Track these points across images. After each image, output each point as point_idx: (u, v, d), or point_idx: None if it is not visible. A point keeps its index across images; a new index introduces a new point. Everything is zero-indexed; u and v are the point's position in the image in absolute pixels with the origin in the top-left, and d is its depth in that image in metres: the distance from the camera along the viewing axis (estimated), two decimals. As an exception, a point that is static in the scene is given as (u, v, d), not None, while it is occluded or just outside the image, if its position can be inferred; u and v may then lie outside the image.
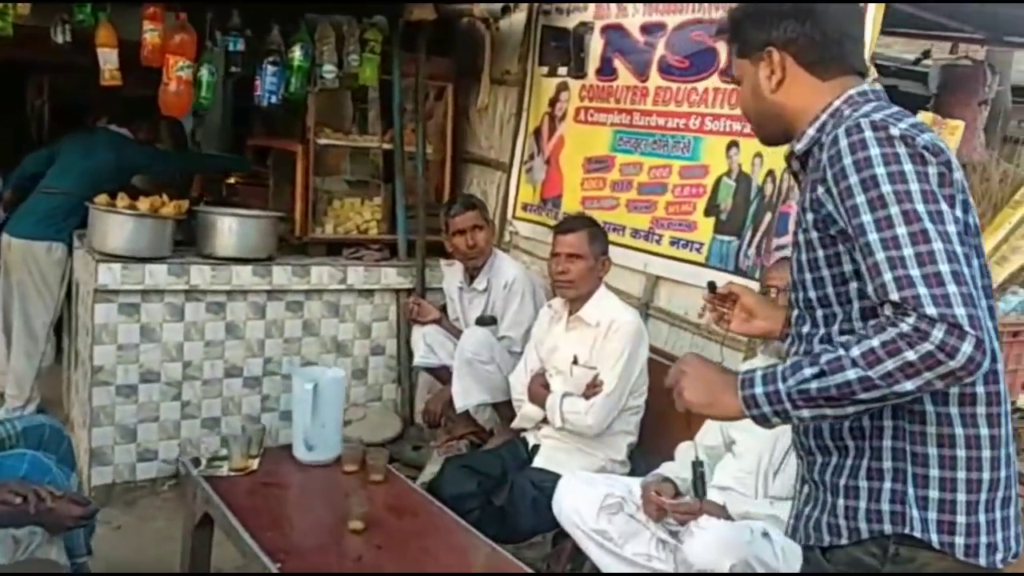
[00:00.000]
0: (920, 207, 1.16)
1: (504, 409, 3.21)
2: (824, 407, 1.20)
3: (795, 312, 1.41)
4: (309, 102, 3.95)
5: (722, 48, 3.12)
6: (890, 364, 1.13)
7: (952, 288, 1.12)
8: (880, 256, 1.16)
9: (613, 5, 3.62)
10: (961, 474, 1.24)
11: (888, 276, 1.15)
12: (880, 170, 1.19)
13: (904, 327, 1.12)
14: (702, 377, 1.34)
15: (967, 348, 1.10)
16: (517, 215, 4.17)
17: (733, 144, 3.12)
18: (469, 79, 4.42)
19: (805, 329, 1.38)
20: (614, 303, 2.85)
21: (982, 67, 5.19)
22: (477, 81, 4.39)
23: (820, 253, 1.31)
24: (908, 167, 1.19)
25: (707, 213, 3.22)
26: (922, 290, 1.12)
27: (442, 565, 2.08)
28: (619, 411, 2.76)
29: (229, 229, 3.75)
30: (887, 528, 1.26)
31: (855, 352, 1.16)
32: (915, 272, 1.13)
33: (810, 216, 1.31)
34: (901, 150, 1.20)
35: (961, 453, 1.24)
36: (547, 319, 3.01)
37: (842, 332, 1.30)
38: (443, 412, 3.34)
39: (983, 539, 1.23)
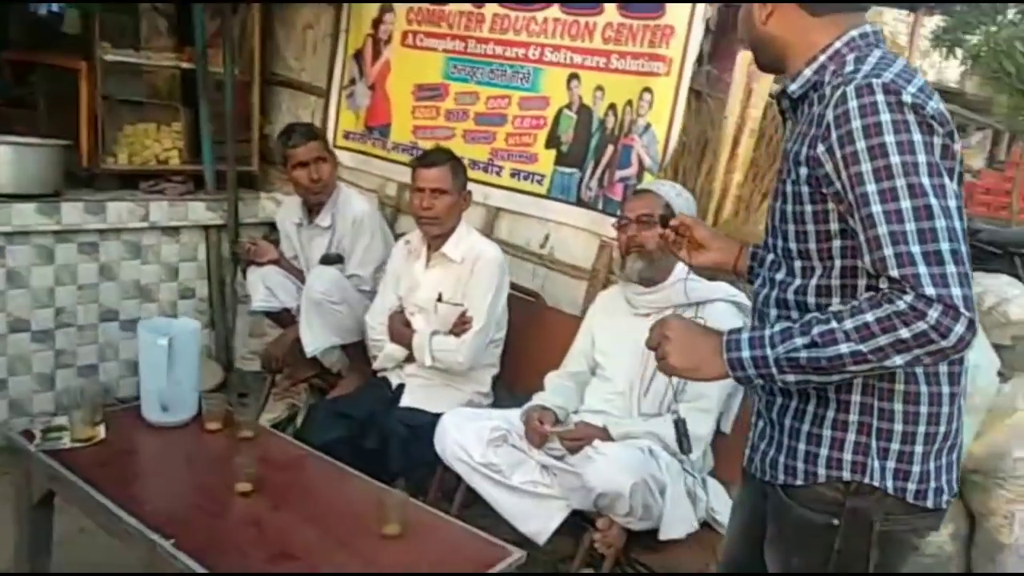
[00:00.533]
0: (925, 180, 1.15)
1: (354, 350, 3.10)
2: (811, 375, 1.22)
3: (770, 257, 1.42)
4: (94, 13, 3.42)
5: (564, -24, 3.13)
6: (883, 340, 1.14)
7: (951, 268, 1.12)
8: (883, 229, 1.16)
9: (442, -77, 3.46)
10: (921, 428, 1.29)
11: (889, 251, 1.15)
12: (889, 138, 1.16)
13: (901, 305, 1.13)
14: (686, 341, 1.33)
15: (959, 328, 1.11)
16: (338, 143, 3.96)
17: (574, 76, 3.16)
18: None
19: (779, 276, 1.39)
20: (477, 238, 2.82)
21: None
22: (286, -2, 4.06)
23: (808, 208, 1.30)
24: (916, 137, 1.17)
25: (548, 145, 3.26)
26: (922, 269, 1.12)
27: (344, 514, 2.00)
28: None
29: (5, 161, 3.20)
30: (846, 475, 1.31)
31: (848, 325, 1.17)
32: (916, 249, 1.13)
33: (804, 171, 1.28)
34: (911, 117, 1.17)
35: (924, 409, 1.29)
36: (403, 256, 2.92)
37: (819, 287, 1.32)
38: (285, 357, 3.15)
39: (931, 484, 1.31)
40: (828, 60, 1.32)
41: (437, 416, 2.61)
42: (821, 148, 1.23)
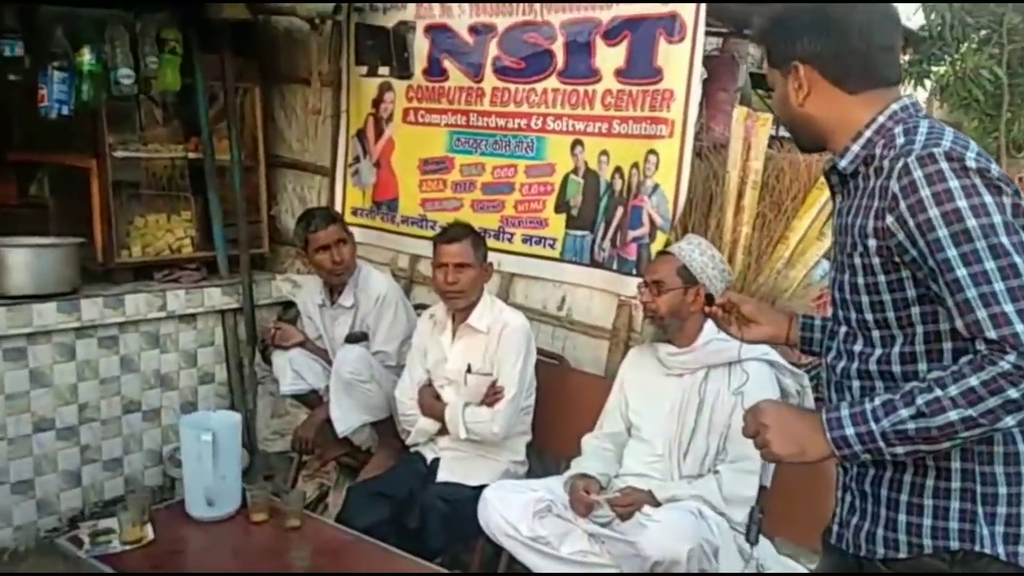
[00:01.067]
0: (1005, 240, 1.17)
1: (383, 426, 3.12)
2: (920, 444, 1.21)
3: (843, 329, 1.42)
4: (100, 111, 3.50)
5: (558, 50, 3.25)
6: (992, 402, 1.15)
7: None
8: (972, 292, 1.17)
9: (436, 5, 3.59)
10: None
11: (983, 313, 1.16)
12: (962, 203, 1.19)
13: (1005, 365, 1.14)
14: (785, 426, 1.32)
15: None
16: (347, 220, 4.00)
17: (577, 143, 3.26)
18: (275, 80, 4.17)
19: (857, 348, 1.39)
20: (501, 308, 2.87)
21: (733, 57, 5.87)
22: (286, 82, 4.15)
23: (882, 278, 1.31)
24: (988, 199, 1.19)
25: (557, 210, 3.34)
26: (1019, 327, 1.13)
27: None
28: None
29: (24, 263, 3.24)
30: (953, 544, 1.29)
31: (953, 392, 1.17)
32: (1009, 308, 1.15)
33: (872, 243, 1.29)
34: (978, 181, 1.20)
35: None
36: (428, 329, 2.96)
37: (903, 355, 1.32)
38: (315, 437, 3.16)
39: None
40: (874, 135, 1.35)
41: (475, 489, 2.64)
42: (890, 219, 1.25)
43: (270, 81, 4.19)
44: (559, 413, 3.00)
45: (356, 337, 3.12)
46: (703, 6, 2.87)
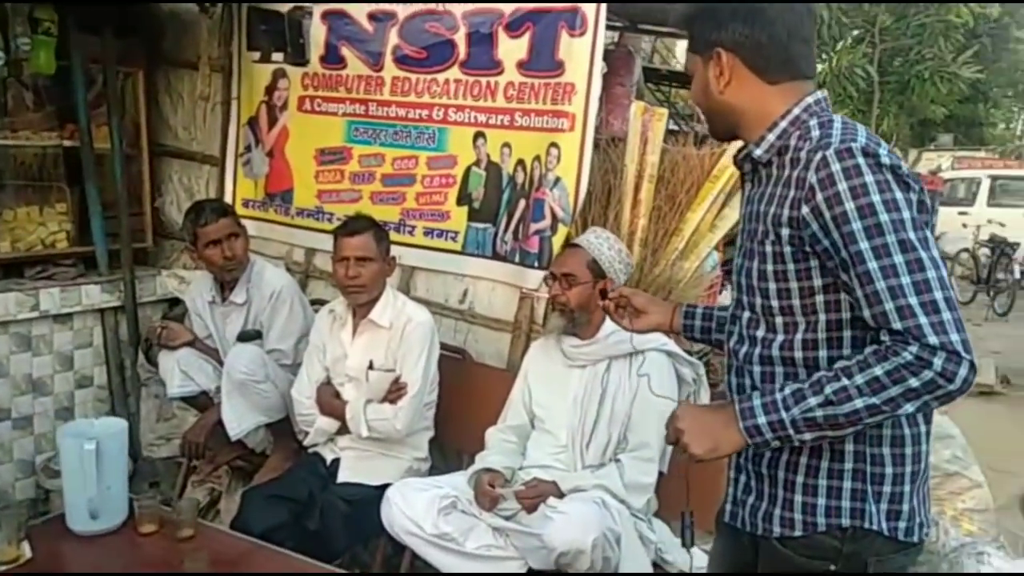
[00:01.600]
0: (912, 235, 1.22)
1: (278, 427, 3.01)
2: (827, 431, 1.27)
3: (746, 314, 1.46)
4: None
5: (460, 40, 3.21)
6: (894, 391, 1.20)
7: (947, 315, 1.20)
8: (881, 285, 1.22)
9: (333, -10, 3.48)
10: (908, 468, 1.37)
11: (889, 305, 1.21)
12: (876, 198, 1.23)
13: (907, 356, 1.19)
14: (700, 425, 1.36)
15: (963, 372, 1.19)
16: (238, 212, 3.84)
17: (479, 135, 3.23)
18: (160, 64, 3.95)
19: (760, 333, 1.43)
20: (404, 302, 2.81)
21: (624, 51, 5.97)
22: (172, 66, 3.94)
23: (791, 266, 1.34)
24: (899, 195, 1.24)
25: (459, 202, 3.31)
26: (923, 319, 1.19)
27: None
28: (420, 409, 2.75)
29: None
30: (845, 522, 1.36)
31: (859, 380, 1.22)
32: (914, 300, 1.20)
33: (786, 231, 1.33)
34: (891, 177, 1.25)
35: (908, 450, 1.37)
36: (327, 325, 2.87)
37: (804, 341, 1.37)
38: (206, 442, 3.01)
39: (917, 520, 1.38)
40: (789, 126, 1.39)
41: (377, 489, 2.58)
42: (806, 209, 1.29)
43: (155, 65, 3.98)
44: (462, 407, 2.98)
45: (249, 335, 2.99)
46: (603, 6, 2.89)
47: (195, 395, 3.05)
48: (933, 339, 1.19)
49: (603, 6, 2.89)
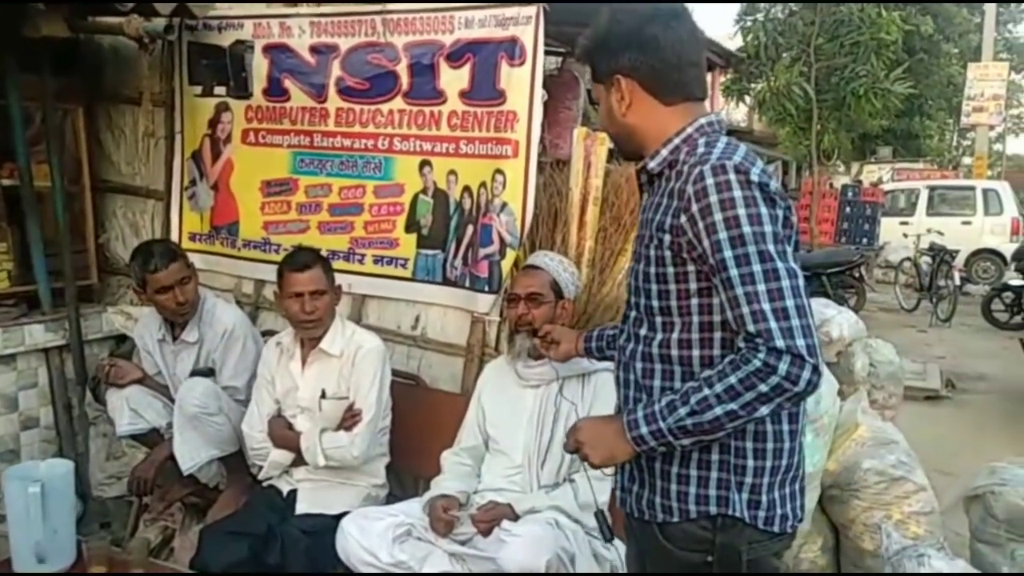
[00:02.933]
0: (771, 247, 1.35)
1: (232, 461, 2.98)
2: (700, 435, 1.40)
3: (633, 314, 1.59)
4: None
5: (403, 71, 3.26)
6: (748, 396, 1.33)
7: (796, 322, 1.32)
8: (739, 291, 1.34)
9: (275, 24, 3.50)
10: (768, 462, 1.48)
11: (746, 309, 1.34)
12: (742, 211, 1.35)
13: (756, 363, 1.32)
14: (596, 438, 1.50)
15: (807, 375, 1.31)
16: (184, 246, 3.81)
17: (426, 163, 3.27)
18: (101, 100, 3.92)
19: (643, 332, 1.55)
20: (354, 330, 2.82)
21: (567, 76, 6.08)
22: (113, 102, 3.92)
23: (670, 270, 1.47)
24: (763, 210, 1.36)
25: (408, 230, 3.34)
26: (772, 324, 1.31)
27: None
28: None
29: None
30: (713, 509, 1.48)
31: (718, 389, 1.35)
32: (767, 307, 1.32)
33: (667, 237, 1.45)
34: (758, 194, 1.37)
35: (770, 445, 1.48)
36: (275, 358, 2.86)
37: (680, 340, 1.49)
38: (155, 478, 2.97)
39: (778, 511, 1.49)
40: (681, 143, 1.51)
41: (337, 518, 2.58)
42: (683, 218, 1.41)
43: (95, 101, 3.94)
44: (417, 433, 2.99)
45: (202, 373, 2.95)
46: (542, 33, 2.96)
47: (145, 432, 3.00)
48: (780, 343, 1.31)
49: (541, 37, 2.96)
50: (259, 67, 3.55)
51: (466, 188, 3.19)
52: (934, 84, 18.25)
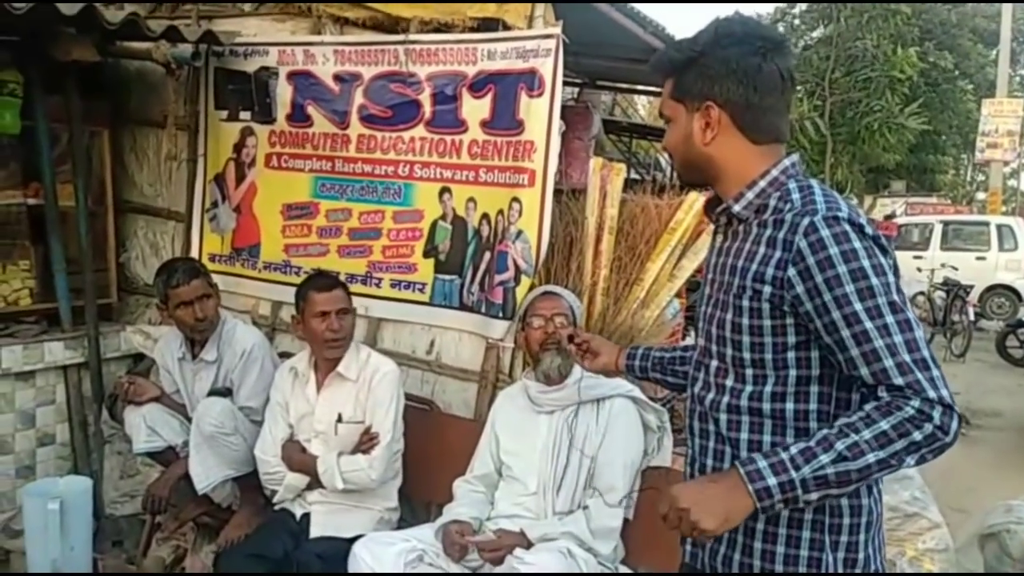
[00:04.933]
0: (896, 297, 1.30)
1: (247, 481, 2.99)
2: (834, 488, 1.27)
3: (715, 363, 1.49)
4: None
5: (425, 100, 3.31)
6: (899, 444, 1.24)
7: (936, 372, 1.26)
8: (879, 343, 1.27)
9: (299, 52, 3.57)
10: (864, 518, 1.40)
11: (889, 363, 1.26)
12: (866, 263, 1.29)
13: (910, 411, 1.24)
14: (704, 501, 1.31)
15: (955, 424, 1.25)
16: (205, 266, 3.86)
17: (445, 190, 3.32)
18: (126, 122, 4.00)
19: (729, 383, 1.45)
20: (369, 353, 2.84)
21: (587, 107, 6.16)
22: (138, 125, 4.00)
23: (767, 322, 1.38)
24: (883, 260, 1.32)
25: (426, 255, 3.38)
26: (920, 375, 1.25)
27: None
28: (390, 458, 2.77)
29: None
30: (802, 570, 1.38)
31: (867, 435, 1.25)
32: (909, 358, 1.26)
33: (768, 289, 1.36)
34: (873, 244, 1.32)
35: (865, 500, 1.40)
36: (290, 383, 2.87)
37: (774, 394, 1.40)
38: (170, 496, 2.98)
39: (872, 567, 1.41)
40: (768, 186, 1.43)
41: (350, 541, 2.58)
42: (792, 271, 1.34)
43: (121, 124, 4.02)
44: (430, 458, 3.00)
45: (220, 393, 2.97)
46: (560, 65, 3.01)
47: (161, 450, 3.03)
48: (932, 393, 1.25)
49: (560, 69, 3.01)
50: (283, 93, 3.62)
51: (484, 215, 3.23)
52: (948, 119, 18.30)
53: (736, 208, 1.45)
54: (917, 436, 1.25)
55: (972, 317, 10.31)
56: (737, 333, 1.43)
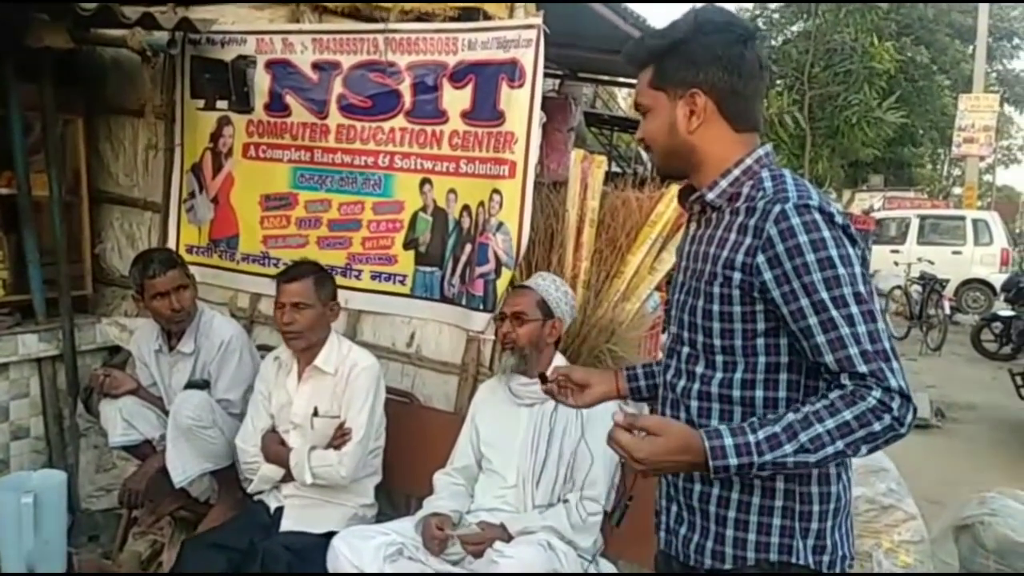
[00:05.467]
0: (862, 288, 1.32)
1: (223, 475, 2.97)
2: (786, 471, 1.32)
3: (685, 350, 1.50)
4: None
5: (406, 90, 3.28)
6: (859, 434, 1.27)
7: (896, 363, 1.29)
8: (845, 331, 1.29)
9: (278, 40, 3.53)
10: (832, 505, 1.43)
11: (854, 350, 1.28)
12: (834, 252, 1.31)
13: (871, 401, 1.27)
14: (657, 462, 1.32)
15: (910, 416, 1.28)
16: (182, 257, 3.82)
17: (426, 181, 3.29)
18: (102, 111, 3.94)
19: (699, 369, 1.47)
20: (349, 347, 2.82)
21: (568, 99, 6.15)
22: (113, 114, 3.94)
23: (737, 309, 1.39)
24: (850, 250, 1.33)
25: (406, 247, 3.36)
26: (882, 364, 1.27)
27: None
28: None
29: None
30: (773, 557, 1.41)
31: (831, 425, 1.27)
32: (871, 348, 1.28)
33: (737, 276, 1.38)
34: (842, 234, 1.33)
35: (834, 488, 1.43)
36: (273, 372, 2.86)
37: (743, 380, 1.42)
38: (147, 490, 2.95)
39: (839, 553, 1.44)
40: (741, 174, 1.44)
41: (322, 537, 2.57)
42: (761, 257, 1.35)
43: (95, 112, 3.95)
44: (410, 451, 2.99)
45: (197, 385, 2.95)
46: (541, 56, 2.99)
47: (137, 444, 2.99)
48: (893, 383, 1.28)
49: (541, 61, 2.99)
50: (261, 82, 3.57)
51: (465, 207, 3.21)
52: (926, 114, 18.47)
53: (709, 196, 1.46)
54: (876, 427, 1.27)
55: (948, 311, 10.45)
56: (708, 320, 1.44)
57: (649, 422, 1.36)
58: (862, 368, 1.29)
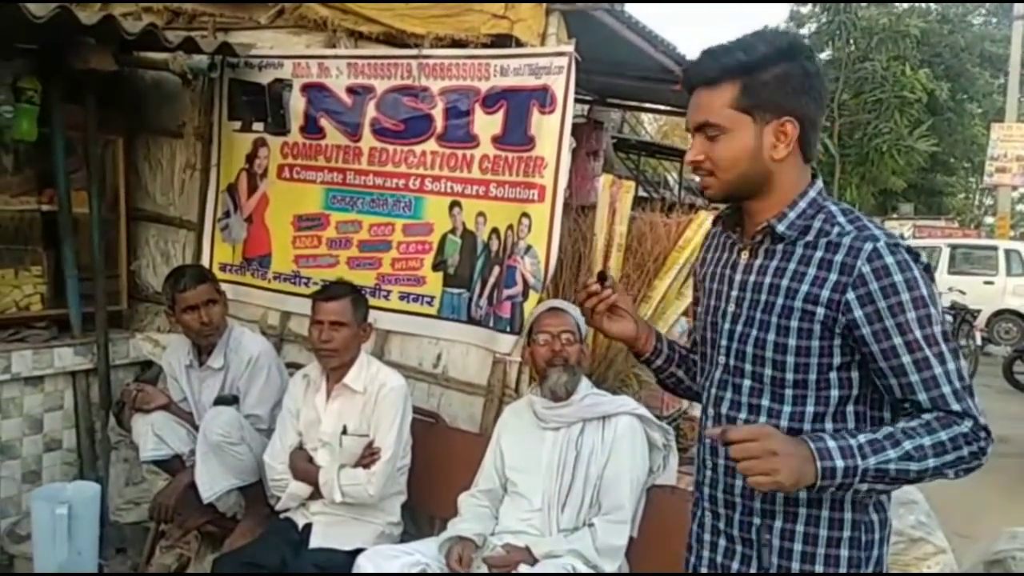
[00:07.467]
0: (946, 326, 1.37)
1: (250, 492, 3.00)
2: (882, 484, 1.31)
3: (747, 383, 1.46)
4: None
5: (438, 115, 3.34)
6: (951, 456, 1.31)
7: (977, 399, 1.35)
8: (938, 370, 1.33)
9: (314, 65, 3.61)
10: (887, 531, 1.45)
11: (947, 388, 1.33)
12: (925, 291, 1.34)
13: (965, 428, 1.32)
14: (791, 456, 1.28)
15: (989, 450, 1.34)
16: (216, 275, 3.88)
17: (456, 204, 3.34)
18: (141, 131, 4.04)
19: (764, 402, 1.44)
20: (378, 367, 2.86)
21: (592, 123, 6.19)
22: (152, 134, 4.04)
23: (815, 343, 1.38)
24: (933, 288, 1.36)
25: (435, 268, 3.39)
26: (970, 402, 1.33)
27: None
28: (393, 474, 2.77)
29: None
30: None
31: (928, 441, 1.30)
32: (959, 385, 1.34)
33: (821, 311, 1.36)
34: (926, 272, 1.37)
35: (887, 514, 1.46)
36: (302, 390, 2.89)
37: (815, 414, 1.40)
38: (176, 505, 2.99)
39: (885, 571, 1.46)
40: (808, 206, 1.42)
41: (350, 554, 2.59)
42: (852, 295, 1.34)
43: (135, 133, 4.06)
44: (435, 472, 3.00)
45: (226, 400, 3.00)
46: (572, 83, 3.03)
47: (168, 459, 3.03)
48: (982, 420, 1.34)
49: (572, 88, 3.03)
50: (296, 105, 3.65)
51: (494, 230, 3.25)
52: (957, 143, 18.31)
53: (780, 228, 1.42)
54: (965, 452, 1.32)
55: (979, 342, 10.29)
56: (780, 353, 1.42)
57: (749, 427, 1.36)
58: (956, 407, 1.33)
